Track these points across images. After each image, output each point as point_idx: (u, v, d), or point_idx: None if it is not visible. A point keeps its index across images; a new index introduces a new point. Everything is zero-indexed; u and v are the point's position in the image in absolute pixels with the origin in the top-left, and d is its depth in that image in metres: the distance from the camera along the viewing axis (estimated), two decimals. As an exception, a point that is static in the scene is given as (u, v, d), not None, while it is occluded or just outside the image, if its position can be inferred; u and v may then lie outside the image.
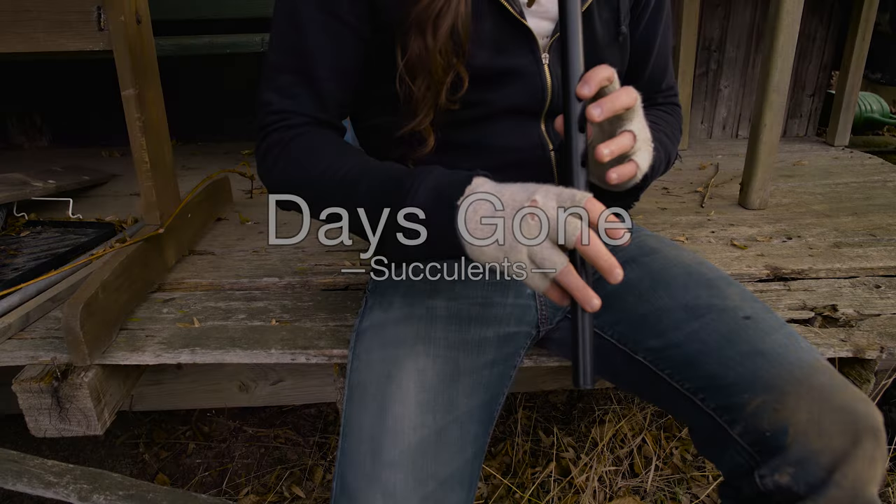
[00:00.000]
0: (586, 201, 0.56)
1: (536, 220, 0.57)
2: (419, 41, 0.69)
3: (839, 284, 1.21)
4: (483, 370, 0.80)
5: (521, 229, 0.57)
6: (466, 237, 0.60)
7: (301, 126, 0.76)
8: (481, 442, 0.78)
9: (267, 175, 0.78)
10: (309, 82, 0.75)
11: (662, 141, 0.80)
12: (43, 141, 2.46)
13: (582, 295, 0.57)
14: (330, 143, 0.75)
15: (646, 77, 0.89)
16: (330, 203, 0.72)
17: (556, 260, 0.57)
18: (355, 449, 0.71)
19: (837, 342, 1.03)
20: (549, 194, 0.58)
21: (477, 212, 0.60)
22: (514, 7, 0.73)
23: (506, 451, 1.43)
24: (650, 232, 0.95)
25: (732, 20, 2.35)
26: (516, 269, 0.58)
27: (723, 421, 0.69)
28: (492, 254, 0.59)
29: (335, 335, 1.02)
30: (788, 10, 1.47)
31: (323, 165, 0.72)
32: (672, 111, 0.92)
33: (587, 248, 0.55)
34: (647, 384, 0.80)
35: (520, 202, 0.58)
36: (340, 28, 0.73)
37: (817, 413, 0.62)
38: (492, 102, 0.77)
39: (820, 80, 2.46)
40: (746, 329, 0.72)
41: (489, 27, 0.73)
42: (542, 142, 0.81)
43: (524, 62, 0.76)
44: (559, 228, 0.56)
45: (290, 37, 0.74)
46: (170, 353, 0.98)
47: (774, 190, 1.80)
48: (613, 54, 0.82)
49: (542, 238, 0.57)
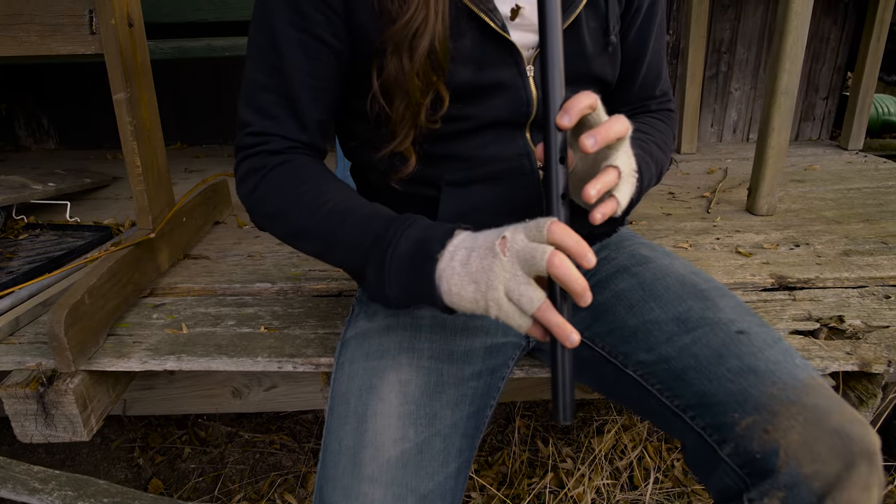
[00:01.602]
0: (549, 225, 0.56)
1: (506, 249, 0.57)
2: (395, 62, 0.67)
3: (847, 294, 1.17)
4: (469, 381, 0.78)
5: (494, 265, 0.57)
6: (444, 287, 0.60)
7: (281, 153, 0.74)
8: (466, 455, 0.76)
9: (245, 199, 0.77)
10: (288, 102, 0.73)
11: (654, 154, 0.78)
12: (50, 143, 2.48)
13: (560, 332, 0.56)
14: (309, 177, 0.73)
15: (638, 83, 0.86)
16: (305, 243, 0.73)
17: (532, 295, 0.56)
18: (335, 462, 0.69)
19: (843, 355, 0.99)
20: (517, 228, 0.59)
21: (454, 258, 0.60)
22: (495, 21, 0.70)
23: (503, 460, 1.40)
24: (644, 240, 0.92)
25: (743, 21, 2.31)
26: (494, 307, 0.58)
27: (712, 440, 0.66)
28: (470, 296, 0.59)
29: (323, 343, 1.00)
30: (797, 12, 1.43)
31: (301, 203, 0.71)
32: (666, 118, 0.89)
33: (557, 269, 0.55)
34: (637, 399, 0.77)
35: (491, 241, 0.58)
36: (318, 46, 0.71)
37: (810, 435, 0.59)
38: (474, 117, 0.75)
39: (834, 83, 2.41)
40: (739, 344, 0.69)
41: (469, 43, 0.71)
42: (527, 150, 0.78)
43: (508, 76, 0.74)
44: (528, 255, 0.56)
45: (268, 55, 0.72)
46: (156, 359, 0.97)
47: (784, 195, 1.76)
48: (603, 64, 0.79)
49: (516, 268, 0.56)
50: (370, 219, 0.68)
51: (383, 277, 0.64)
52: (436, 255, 0.61)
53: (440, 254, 0.61)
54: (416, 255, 0.62)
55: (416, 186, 0.79)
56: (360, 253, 0.67)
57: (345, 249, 0.69)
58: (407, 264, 0.63)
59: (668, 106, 0.91)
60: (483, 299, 0.58)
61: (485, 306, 0.58)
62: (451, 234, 0.62)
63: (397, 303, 0.66)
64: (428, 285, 0.61)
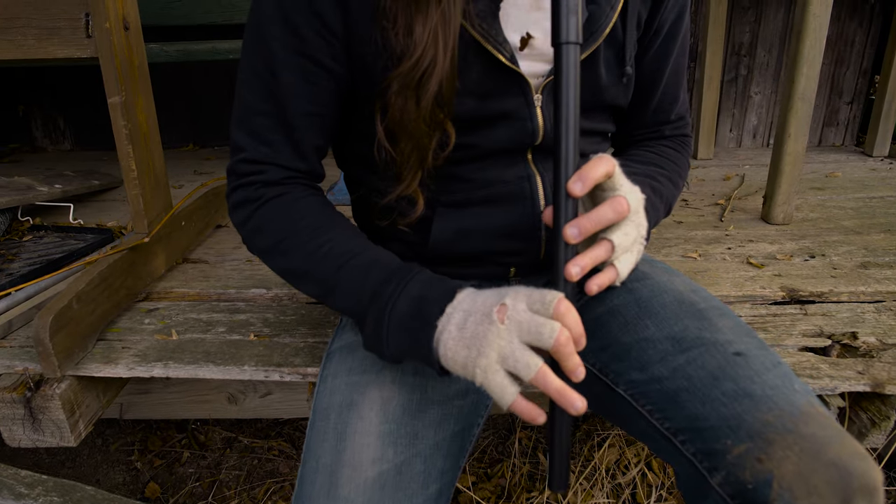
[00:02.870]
0: (557, 303, 0.55)
1: (506, 317, 0.55)
2: (401, 104, 0.63)
3: (862, 309, 1.12)
4: (454, 400, 0.76)
5: (489, 332, 0.56)
6: (441, 351, 0.58)
7: (277, 184, 0.71)
8: (449, 477, 0.73)
9: (238, 227, 0.74)
10: (285, 128, 0.69)
11: (664, 193, 0.76)
12: (66, 144, 2.51)
13: (564, 399, 0.55)
14: (305, 214, 0.70)
15: (652, 107, 0.82)
16: (302, 284, 0.71)
17: (530, 361, 0.55)
18: (311, 480, 0.67)
19: (854, 375, 0.94)
20: (518, 295, 0.57)
21: (451, 321, 0.58)
22: (503, 54, 0.66)
23: (502, 472, 1.37)
24: (644, 256, 0.88)
25: (763, 23, 2.24)
26: (480, 374, 0.56)
27: (703, 468, 0.62)
28: (461, 361, 0.57)
29: (312, 353, 0.98)
30: (815, 14, 1.38)
31: (297, 242, 0.69)
32: (680, 146, 0.85)
33: (563, 348, 0.54)
34: (628, 419, 0.74)
35: (489, 306, 0.57)
36: (317, 71, 0.67)
37: (806, 467, 0.55)
38: (477, 146, 0.72)
39: (859, 87, 2.33)
40: (736, 367, 0.65)
41: (475, 76, 0.67)
42: (528, 173, 0.75)
43: (514, 106, 0.70)
44: (533, 328, 0.55)
45: (263, 77, 0.68)
46: (143, 366, 0.96)
47: (802, 203, 1.70)
48: (617, 94, 0.76)
49: (513, 336, 0.55)
50: (369, 268, 0.65)
51: (381, 338, 0.63)
52: (435, 321, 0.59)
53: (439, 319, 0.59)
54: (414, 318, 0.60)
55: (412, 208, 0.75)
56: (359, 307, 0.65)
57: (343, 298, 0.67)
58: (405, 327, 0.61)
59: (683, 131, 0.86)
60: (472, 365, 0.56)
61: (472, 372, 0.57)
62: (451, 295, 0.60)
63: (392, 360, 0.65)
64: (427, 351, 0.59)
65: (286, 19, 0.65)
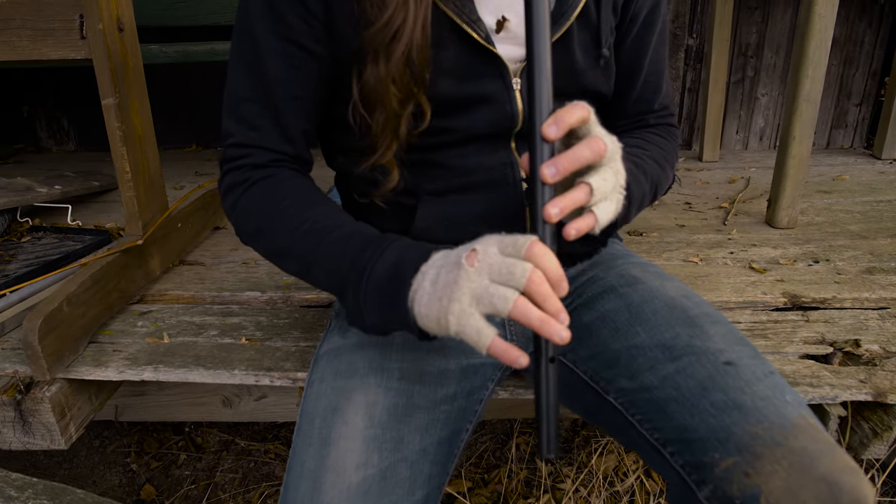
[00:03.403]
0: (530, 244, 0.53)
1: (476, 261, 0.54)
2: (373, 67, 0.64)
3: (866, 316, 1.09)
4: (442, 405, 0.74)
5: (459, 276, 0.54)
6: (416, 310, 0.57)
7: (264, 167, 0.72)
8: (436, 482, 0.72)
9: (228, 215, 0.75)
10: (271, 112, 0.71)
11: (648, 170, 0.74)
12: (70, 144, 2.52)
13: (548, 327, 0.52)
14: (290, 193, 0.70)
15: (634, 96, 0.82)
16: (286, 263, 0.71)
17: (506, 293, 0.52)
18: (296, 485, 0.66)
19: (855, 383, 0.92)
20: (490, 240, 0.56)
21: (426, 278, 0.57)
22: (478, 33, 0.67)
23: (499, 478, 1.35)
24: (638, 259, 0.86)
25: (771, 24, 2.21)
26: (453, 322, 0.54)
27: (691, 480, 0.61)
28: (434, 314, 0.55)
29: (303, 357, 0.97)
30: (820, 14, 1.35)
31: (281, 221, 0.69)
32: (666, 133, 0.84)
33: (537, 287, 0.52)
34: (619, 428, 0.72)
35: (459, 255, 0.56)
36: (301, 55, 0.69)
37: (795, 482, 0.54)
38: (457, 130, 0.72)
39: (868, 88, 2.29)
40: (726, 376, 0.63)
41: (452, 55, 0.68)
42: (511, 160, 0.75)
43: (492, 89, 0.71)
44: (504, 269, 0.53)
45: (250, 64, 0.70)
46: (133, 369, 0.96)
47: (808, 207, 1.67)
48: (596, 77, 0.75)
49: (484, 278, 0.53)
50: (348, 240, 0.65)
51: (360, 304, 0.62)
52: (409, 279, 0.58)
53: (413, 277, 0.58)
54: (391, 281, 0.59)
55: (396, 196, 0.76)
56: (338, 278, 0.64)
57: (323, 272, 0.67)
58: (383, 290, 0.60)
59: (668, 121, 0.86)
60: (444, 314, 0.54)
61: (446, 323, 0.55)
62: (427, 255, 0.59)
63: (375, 330, 0.63)
64: (402, 311, 0.58)
65: (271, 6, 0.67)
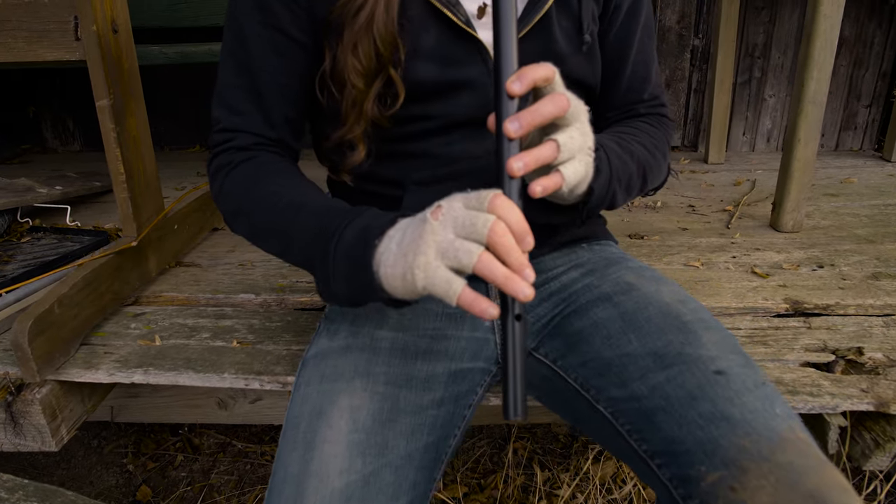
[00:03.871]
0: (492, 197, 0.52)
1: (441, 214, 0.53)
2: (340, 44, 0.66)
3: (870, 323, 1.07)
4: (428, 410, 0.73)
5: (424, 230, 0.53)
6: (382, 272, 0.56)
7: (247, 149, 0.74)
8: (422, 489, 0.71)
9: (215, 199, 0.76)
10: (256, 98, 0.73)
11: (634, 152, 0.73)
12: (75, 144, 2.53)
13: (512, 283, 0.50)
14: (270, 173, 0.72)
15: (623, 86, 0.82)
16: (265, 242, 0.72)
17: (471, 247, 0.51)
18: (279, 490, 0.66)
19: (857, 393, 0.89)
20: (455, 197, 0.55)
21: (392, 241, 0.57)
22: (458, 17, 0.68)
23: (496, 483, 1.34)
24: (635, 263, 0.84)
25: (778, 24, 2.18)
26: (420, 275, 0.52)
27: (678, 494, 0.59)
28: (399, 273, 0.54)
29: (293, 361, 0.97)
30: (826, 15, 1.32)
31: (259, 199, 0.70)
32: (657, 122, 0.83)
33: (499, 238, 0.50)
34: (609, 438, 0.71)
35: (426, 211, 0.55)
36: (286, 43, 0.71)
37: (781, 498, 0.52)
38: (440, 116, 0.73)
39: (878, 89, 2.26)
40: (715, 386, 0.62)
41: (433, 40, 0.69)
42: None
43: (476, 73, 0.71)
44: (467, 221, 0.52)
45: (237, 53, 0.73)
46: (123, 372, 0.95)
47: (814, 210, 1.64)
48: (580, 65, 0.75)
49: (448, 230, 0.52)
50: (321, 212, 0.65)
51: (328, 271, 0.61)
52: (375, 240, 0.57)
53: (379, 239, 0.57)
54: (357, 245, 0.59)
55: (383, 187, 0.77)
56: (310, 249, 0.64)
57: (297, 246, 0.67)
58: (348, 255, 0.59)
59: (659, 111, 0.84)
60: (410, 270, 0.53)
61: (412, 279, 0.53)
62: (394, 221, 0.59)
63: (345, 299, 0.63)
64: (367, 274, 0.57)
65: None
